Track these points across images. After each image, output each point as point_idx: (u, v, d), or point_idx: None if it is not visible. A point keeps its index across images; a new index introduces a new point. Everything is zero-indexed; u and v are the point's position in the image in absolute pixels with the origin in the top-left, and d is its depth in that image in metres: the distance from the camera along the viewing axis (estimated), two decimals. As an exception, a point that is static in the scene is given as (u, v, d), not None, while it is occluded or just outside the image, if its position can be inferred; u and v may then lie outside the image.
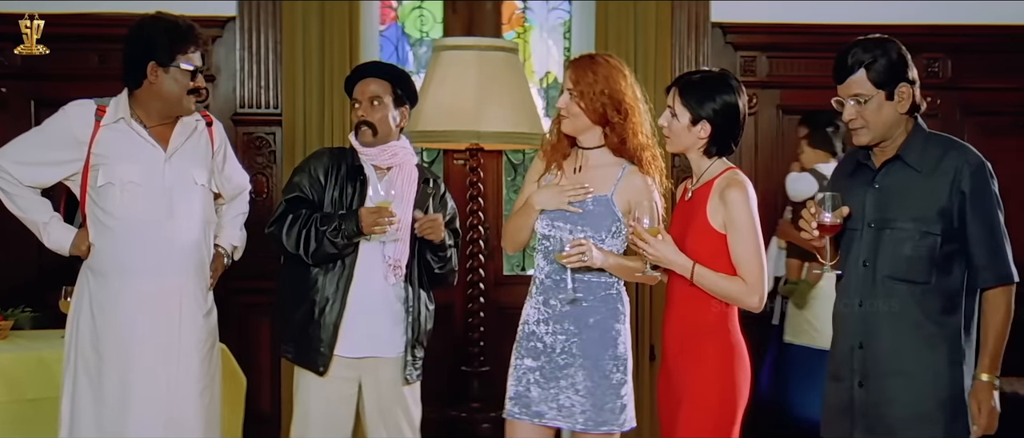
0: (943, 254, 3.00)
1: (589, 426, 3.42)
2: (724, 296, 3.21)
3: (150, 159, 3.61)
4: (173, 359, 3.60)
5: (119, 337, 3.57)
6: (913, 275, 3.01)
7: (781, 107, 5.64)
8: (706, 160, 3.30)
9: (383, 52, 5.81)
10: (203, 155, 3.73)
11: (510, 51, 5.01)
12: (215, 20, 5.44)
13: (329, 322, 3.70)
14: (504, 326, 5.46)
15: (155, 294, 3.59)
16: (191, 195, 3.66)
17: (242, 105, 5.48)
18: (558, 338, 3.45)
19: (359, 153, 3.82)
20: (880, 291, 3.06)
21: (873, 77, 3.02)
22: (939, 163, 3.00)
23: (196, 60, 3.63)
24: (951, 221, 2.98)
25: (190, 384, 3.63)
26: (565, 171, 3.52)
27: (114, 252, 3.59)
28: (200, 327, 3.68)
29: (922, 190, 3.01)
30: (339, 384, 3.74)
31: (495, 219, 5.68)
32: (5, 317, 4.53)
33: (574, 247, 3.31)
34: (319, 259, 3.69)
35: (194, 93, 3.65)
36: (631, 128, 3.43)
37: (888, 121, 3.04)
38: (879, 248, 3.06)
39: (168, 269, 3.60)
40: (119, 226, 3.58)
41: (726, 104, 3.24)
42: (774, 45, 5.60)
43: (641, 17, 5.42)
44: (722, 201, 3.20)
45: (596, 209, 3.44)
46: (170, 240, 3.60)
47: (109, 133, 3.60)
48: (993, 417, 3.01)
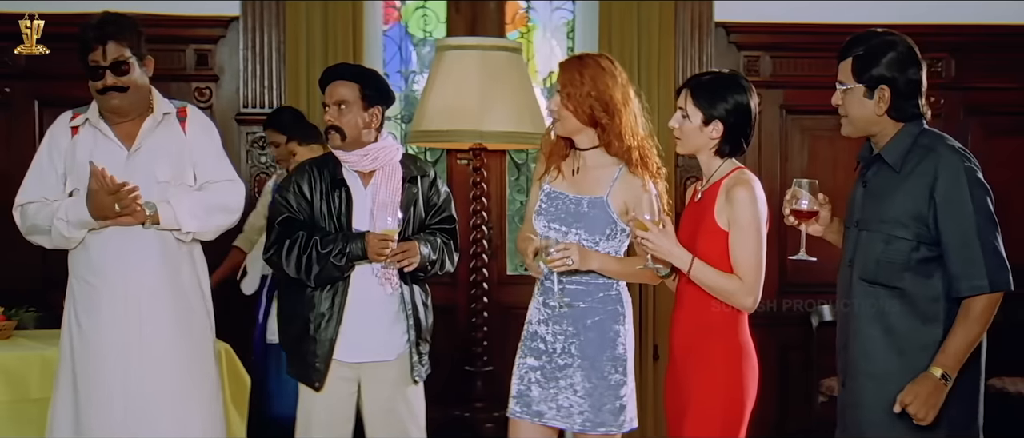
0: (919, 259, 2.94)
1: (587, 427, 3.42)
2: (719, 293, 3.18)
3: (112, 159, 3.57)
4: (135, 359, 3.56)
5: (87, 338, 3.58)
6: (884, 278, 2.97)
7: (784, 107, 5.64)
8: (717, 161, 3.28)
9: (386, 52, 5.82)
10: (168, 150, 3.65)
11: (513, 51, 5.01)
12: (219, 20, 5.45)
13: (324, 338, 3.66)
14: (507, 325, 5.47)
15: (116, 294, 3.56)
16: (151, 192, 3.57)
17: (245, 105, 5.48)
18: (558, 339, 3.45)
19: (341, 159, 3.75)
20: (857, 292, 3.04)
21: (855, 68, 3.00)
22: (917, 166, 2.95)
23: (94, 57, 3.56)
24: (926, 226, 2.92)
25: (160, 384, 3.58)
26: (564, 173, 3.51)
27: (84, 254, 3.60)
28: (169, 326, 3.61)
29: (898, 193, 2.97)
30: (338, 385, 3.72)
31: (498, 219, 5.68)
32: (9, 317, 4.53)
33: (560, 251, 3.32)
34: (322, 281, 3.64)
35: (108, 91, 3.57)
36: (619, 129, 3.40)
37: (865, 117, 3.02)
38: (860, 249, 3.05)
39: (129, 268, 3.57)
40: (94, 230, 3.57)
41: (738, 104, 3.23)
42: (777, 45, 5.59)
43: (644, 17, 5.42)
44: (728, 199, 3.19)
45: (591, 211, 3.43)
46: (130, 239, 3.56)
47: (82, 139, 3.61)
48: (927, 408, 2.88)
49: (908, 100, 3.00)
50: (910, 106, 3.01)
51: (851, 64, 3.01)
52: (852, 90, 3.01)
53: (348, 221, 3.69)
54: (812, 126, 5.63)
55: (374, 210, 3.69)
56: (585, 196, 3.45)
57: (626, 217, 3.34)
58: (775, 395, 5.46)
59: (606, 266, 3.42)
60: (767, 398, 3.61)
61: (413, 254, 3.65)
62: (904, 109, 3.00)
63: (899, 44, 3.01)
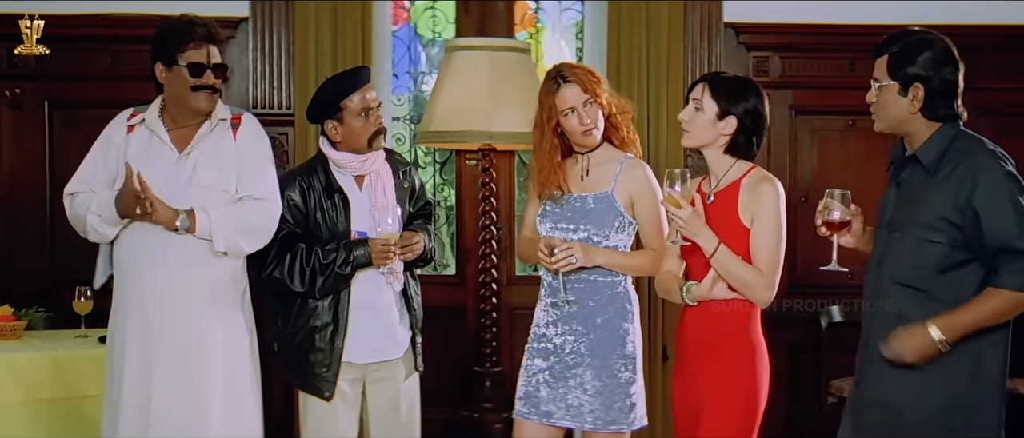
0: (951, 264, 2.90)
1: (598, 425, 3.43)
2: (738, 282, 3.17)
3: (162, 161, 3.62)
4: (166, 359, 3.58)
5: (123, 336, 3.61)
6: (914, 281, 2.94)
7: (793, 107, 5.62)
8: (726, 160, 3.27)
9: (395, 52, 5.82)
10: (216, 156, 3.67)
11: (522, 51, 5.01)
12: (228, 21, 5.44)
13: (332, 347, 3.65)
14: (516, 326, 5.48)
15: (153, 295, 3.59)
16: (193, 196, 3.60)
17: (255, 105, 5.48)
18: (567, 339, 3.46)
19: (333, 163, 3.73)
20: (884, 293, 3.01)
21: (891, 65, 2.97)
22: (953, 171, 2.91)
23: (198, 56, 3.60)
24: (961, 231, 2.88)
25: (194, 383, 3.61)
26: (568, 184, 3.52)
27: (128, 253, 3.64)
28: (203, 327, 3.63)
29: (932, 196, 2.93)
30: (347, 388, 3.71)
31: (507, 220, 5.67)
32: (19, 317, 4.54)
33: (563, 251, 3.33)
34: (327, 292, 3.63)
35: (202, 89, 3.61)
36: (626, 126, 3.54)
37: (898, 115, 2.99)
38: (890, 250, 3.02)
39: (166, 270, 3.59)
40: (132, 229, 3.61)
41: (755, 106, 3.24)
42: (786, 45, 5.58)
43: (653, 17, 5.41)
44: (752, 194, 3.18)
45: (598, 206, 3.45)
46: (168, 242, 3.59)
47: (136, 138, 3.65)
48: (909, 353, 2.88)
49: (942, 99, 2.98)
50: (944, 106, 2.99)
51: (887, 61, 2.99)
52: (887, 87, 2.99)
53: (346, 226, 3.67)
54: (821, 127, 5.62)
55: (375, 213, 3.69)
56: (590, 193, 3.46)
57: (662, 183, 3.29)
58: (784, 396, 5.44)
59: (611, 260, 3.43)
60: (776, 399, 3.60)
61: (419, 243, 3.68)
62: (937, 108, 2.98)
63: (936, 43, 2.99)
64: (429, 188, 5.93)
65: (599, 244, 3.46)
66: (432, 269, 5.90)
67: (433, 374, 4.11)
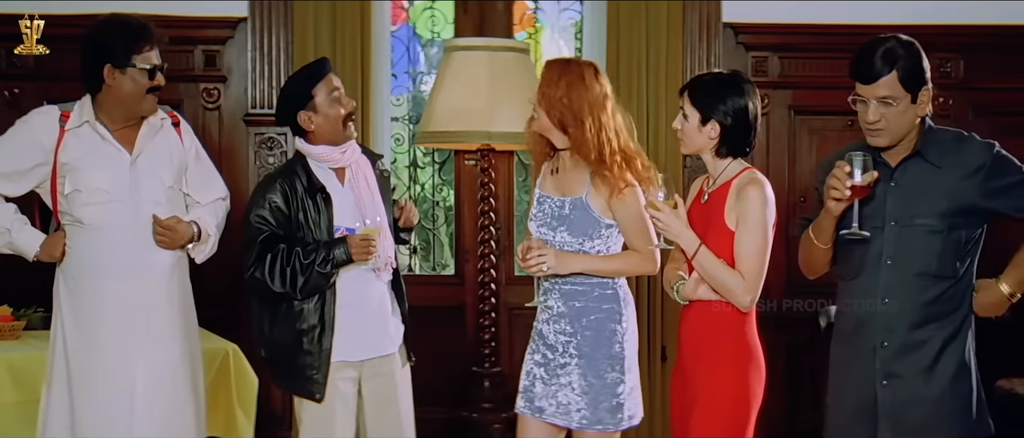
0: (967, 248, 3.05)
1: (584, 425, 3.45)
2: (718, 284, 3.19)
3: (116, 164, 3.59)
4: (141, 360, 3.58)
5: (90, 341, 3.58)
6: (943, 271, 3.03)
7: (793, 108, 5.63)
8: (720, 161, 3.29)
9: (394, 52, 5.82)
10: (169, 155, 3.68)
11: (521, 51, 5.01)
12: (227, 21, 5.45)
13: (319, 349, 3.60)
14: (515, 326, 5.49)
15: (125, 297, 3.58)
16: (158, 197, 3.62)
17: (253, 106, 5.49)
18: (559, 338, 3.49)
19: (313, 160, 3.66)
20: (909, 288, 3.05)
21: (903, 80, 2.97)
22: (958, 158, 3.01)
23: (153, 59, 3.58)
24: (971, 215, 3.01)
25: (163, 384, 3.62)
26: (548, 173, 3.53)
27: (86, 257, 3.60)
28: (171, 328, 3.65)
29: (943, 186, 3.01)
30: (342, 387, 3.67)
31: (506, 220, 5.68)
32: (18, 317, 4.54)
33: (535, 257, 3.34)
34: (309, 293, 3.57)
35: (154, 92, 3.60)
36: (584, 138, 3.39)
37: (909, 124, 3.03)
38: (906, 245, 3.05)
39: (137, 272, 3.59)
40: (89, 231, 3.58)
41: (735, 105, 3.23)
42: (785, 45, 5.58)
43: (652, 17, 5.42)
44: (738, 197, 3.19)
45: (573, 213, 3.45)
46: (139, 243, 3.58)
47: (74, 139, 3.59)
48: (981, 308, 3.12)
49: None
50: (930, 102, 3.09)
51: (897, 77, 2.97)
52: (900, 102, 2.99)
53: (329, 224, 3.63)
54: (821, 127, 5.62)
55: (361, 209, 3.66)
56: (567, 198, 3.47)
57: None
58: (783, 396, 5.44)
59: (591, 266, 3.44)
60: (775, 399, 3.60)
61: (415, 211, 3.81)
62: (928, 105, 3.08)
63: (914, 43, 3.04)
64: (428, 188, 5.94)
65: (579, 249, 3.45)
66: (431, 269, 5.91)
67: (432, 374, 4.11)
